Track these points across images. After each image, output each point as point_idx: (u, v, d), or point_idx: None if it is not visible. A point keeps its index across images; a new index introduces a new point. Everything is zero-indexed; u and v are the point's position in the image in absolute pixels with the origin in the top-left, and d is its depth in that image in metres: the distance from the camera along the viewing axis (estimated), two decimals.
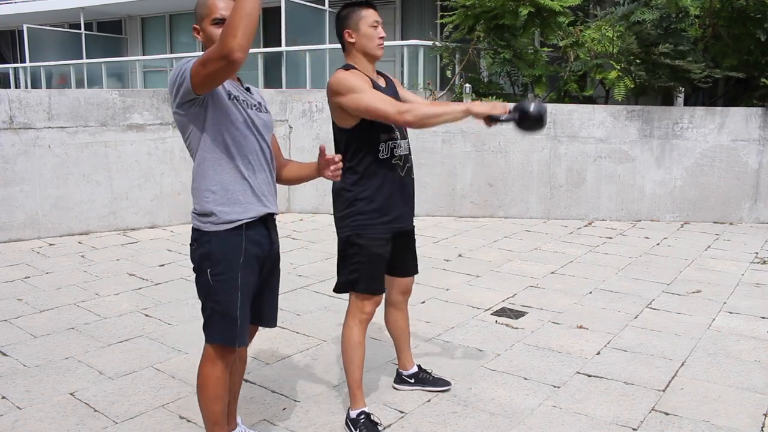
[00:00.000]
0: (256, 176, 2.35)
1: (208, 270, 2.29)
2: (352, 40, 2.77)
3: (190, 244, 2.38)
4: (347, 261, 2.83)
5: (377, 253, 2.80)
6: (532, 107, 2.63)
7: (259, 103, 2.43)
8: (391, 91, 2.88)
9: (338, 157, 2.44)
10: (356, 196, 2.78)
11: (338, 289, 2.89)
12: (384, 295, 2.98)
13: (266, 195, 2.39)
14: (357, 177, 2.77)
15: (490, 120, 2.66)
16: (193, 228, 2.35)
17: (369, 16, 2.76)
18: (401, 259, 3.03)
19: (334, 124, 2.82)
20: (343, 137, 2.80)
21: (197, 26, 2.31)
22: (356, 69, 2.78)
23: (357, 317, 2.82)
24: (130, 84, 15.05)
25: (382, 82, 2.87)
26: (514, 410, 3.10)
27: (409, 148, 2.94)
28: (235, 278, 2.30)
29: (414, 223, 3.06)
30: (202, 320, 2.41)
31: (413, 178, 2.96)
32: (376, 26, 2.76)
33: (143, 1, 16.22)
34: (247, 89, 2.43)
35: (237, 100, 2.31)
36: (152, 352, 3.73)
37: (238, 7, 1.97)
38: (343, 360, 2.86)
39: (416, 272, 3.14)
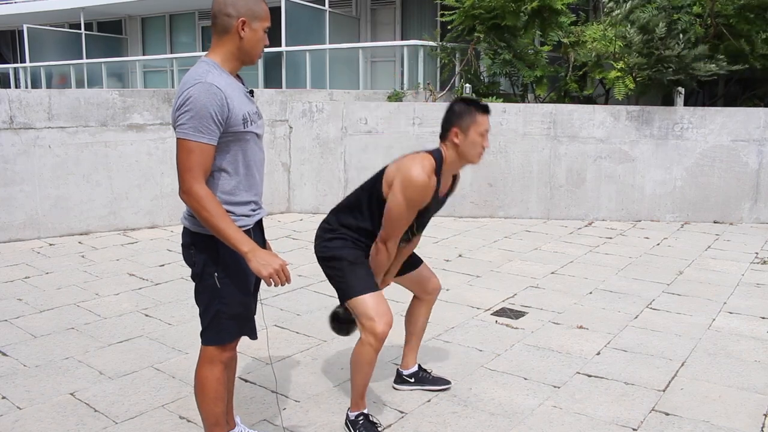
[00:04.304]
0: (257, 183, 2.39)
1: (215, 273, 2.29)
2: (457, 141, 2.73)
3: (186, 247, 2.36)
4: (334, 275, 2.83)
5: (358, 261, 2.81)
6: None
7: (257, 108, 2.42)
8: (442, 201, 2.92)
9: None
10: (347, 243, 2.83)
11: (342, 301, 2.85)
12: (393, 316, 2.96)
13: (261, 199, 2.45)
14: (359, 231, 2.83)
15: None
16: (189, 232, 2.32)
17: (482, 123, 2.72)
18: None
19: (378, 186, 2.79)
20: (374, 199, 2.79)
21: (246, 20, 2.21)
22: (443, 165, 2.76)
23: (371, 341, 2.70)
24: (130, 84, 15.05)
25: (444, 187, 2.87)
26: (514, 410, 3.10)
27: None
28: (244, 279, 2.34)
29: None
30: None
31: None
32: (484, 135, 2.73)
33: (143, 1, 16.23)
34: (250, 92, 2.40)
35: (248, 123, 2.28)
36: (152, 352, 3.73)
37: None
38: (352, 370, 2.82)
39: (420, 261, 3.18)
